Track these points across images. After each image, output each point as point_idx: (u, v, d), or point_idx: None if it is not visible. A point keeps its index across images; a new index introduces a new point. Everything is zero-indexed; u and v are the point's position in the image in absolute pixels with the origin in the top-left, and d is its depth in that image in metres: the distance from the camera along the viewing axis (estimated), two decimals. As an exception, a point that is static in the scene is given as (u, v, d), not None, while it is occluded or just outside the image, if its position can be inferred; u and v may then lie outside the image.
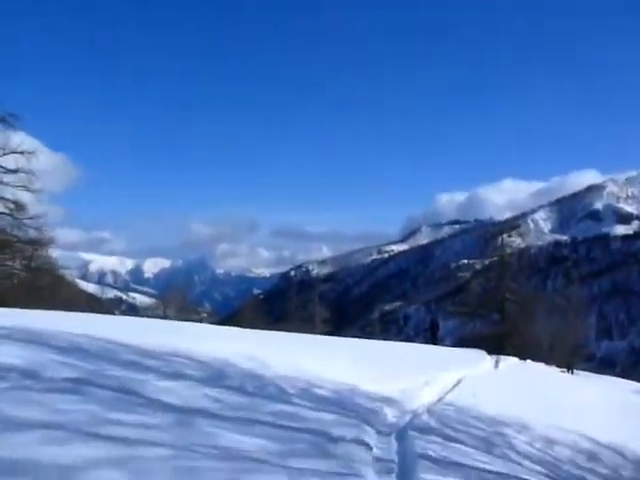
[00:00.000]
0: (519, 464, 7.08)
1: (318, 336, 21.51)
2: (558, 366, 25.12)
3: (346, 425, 6.10)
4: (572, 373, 23.52)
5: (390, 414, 8.27)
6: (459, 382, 12.19)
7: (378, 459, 5.08)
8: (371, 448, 5.31)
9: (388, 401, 9.09)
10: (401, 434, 6.72)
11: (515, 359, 21.74)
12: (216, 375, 7.62)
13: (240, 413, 5.54)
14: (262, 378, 8.21)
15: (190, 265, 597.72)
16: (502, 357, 20.64)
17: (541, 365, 22.99)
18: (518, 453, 7.84)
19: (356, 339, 23.55)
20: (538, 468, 7.31)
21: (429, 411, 9.06)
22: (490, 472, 5.46)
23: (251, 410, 5.86)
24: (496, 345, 33.11)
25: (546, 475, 6.99)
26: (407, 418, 8.34)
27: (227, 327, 22.57)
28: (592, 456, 8.86)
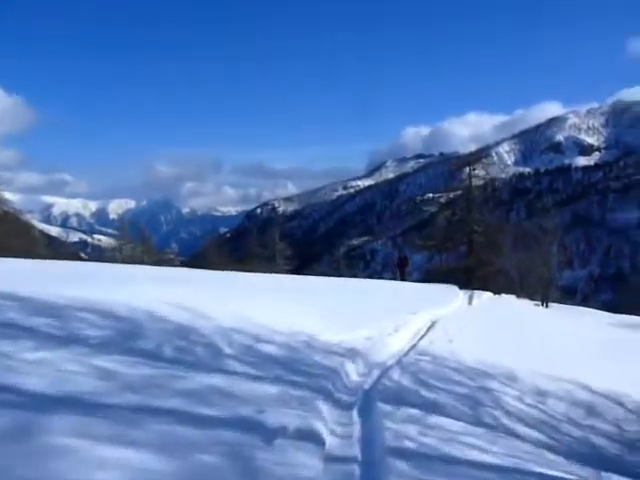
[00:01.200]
0: (514, 433, 5.65)
1: (276, 275, 19.79)
2: (530, 299, 24.19)
3: (293, 402, 4.49)
4: (546, 306, 22.59)
5: (353, 372, 6.74)
6: (433, 325, 10.79)
7: (332, 460, 3.50)
8: (323, 443, 3.72)
9: (352, 354, 7.57)
10: (366, 406, 5.16)
11: (489, 294, 20.52)
12: (125, 335, 5.84)
13: (135, 398, 3.83)
14: (192, 335, 6.50)
15: (155, 205, 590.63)
16: (476, 292, 19.46)
17: (514, 299, 21.90)
18: (509, 415, 6.43)
19: (318, 277, 22.04)
20: (536, 434, 5.91)
21: (400, 364, 7.58)
22: (486, 466, 3.92)
23: (157, 389, 4.17)
24: (464, 278, 32.45)
25: (546, 444, 5.58)
26: (374, 375, 6.82)
27: (170, 268, 20.50)
28: (590, 409, 7.54)
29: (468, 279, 31.54)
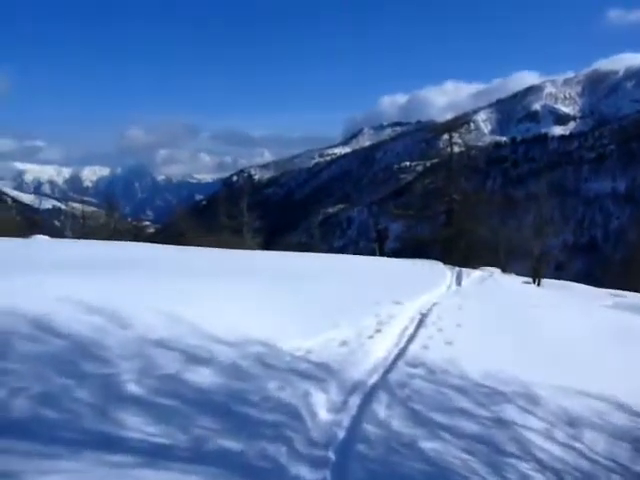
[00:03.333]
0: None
1: (237, 253, 17.52)
2: (517, 274, 22.46)
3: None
4: (538, 284, 20.81)
5: (323, 407, 4.74)
6: (423, 318, 8.83)
7: None
8: None
9: (322, 371, 5.59)
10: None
11: (478, 272, 18.59)
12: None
13: None
14: (85, 361, 4.42)
15: (130, 172, 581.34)
16: (464, 270, 17.58)
17: (504, 276, 20.07)
18: (543, 467, 4.53)
19: (285, 255, 19.82)
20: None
21: (387, 385, 5.61)
22: None
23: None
24: (444, 249, 30.96)
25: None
26: (352, 410, 4.85)
27: (119, 244, 17.78)
28: (637, 443, 5.68)
29: (448, 250, 30.07)
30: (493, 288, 14.74)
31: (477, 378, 6.37)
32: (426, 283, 12.67)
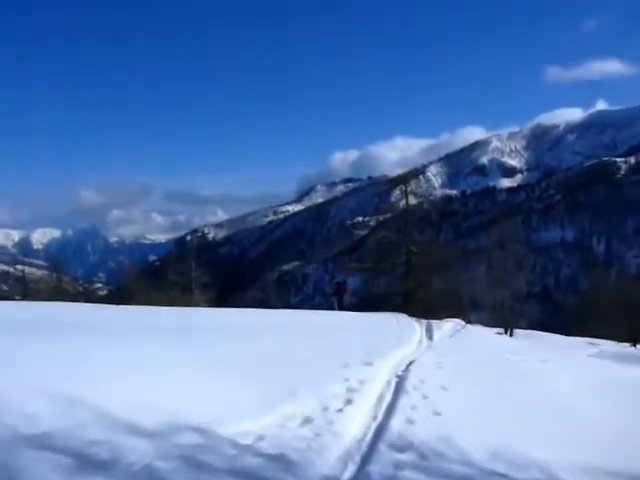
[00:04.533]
0: None
1: (183, 310, 15.79)
2: (483, 324, 21.28)
3: None
4: (511, 335, 19.66)
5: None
6: (400, 382, 7.31)
7: None
8: None
9: (275, 467, 4.00)
10: None
11: (449, 324, 17.26)
12: None
13: None
14: None
15: (81, 234, 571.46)
16: (433, 322, 16.27)
17: (478, 328, 18.85)
18: None
19: (237, 311, 18.20)
20: None
21: (368, 482, 4.05)
22: None
23: None
24: (404, 302, 29.85)
25: None
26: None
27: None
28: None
29: (408, 303, 28.95)
30: (469, 341, 13.51)
31: (483, 461, 4.84)
32: (396, 338, 11.20)
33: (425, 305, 28.46)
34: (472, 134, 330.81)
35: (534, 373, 9.27)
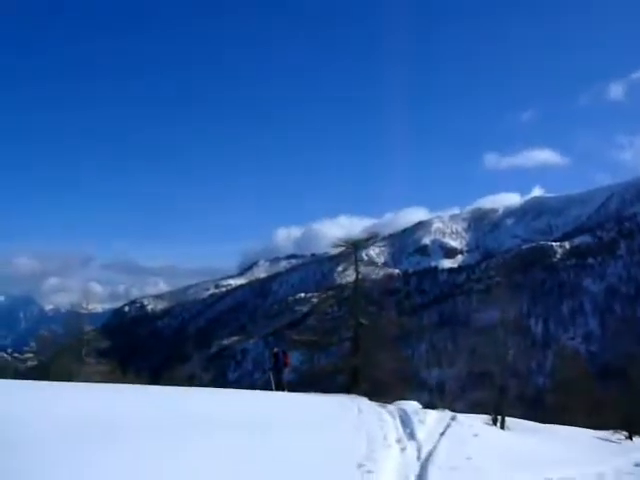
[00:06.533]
0: None
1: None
2: (452, 409, 19.13)
3: None
4: (502, 426, 16.55)
5: None
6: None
7: None
8: None
9: None
10: None
11: (433, 414, 13.29)
12: None
13: None
14: None
15: (15, 301, 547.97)
16: (407, 409, 12.84)
17: (464, 417, 14.68)
18: None
19: (150, 391, 13.96)
20: None
21: None
22: None
23: None
24: (351, 380, 27.81)
25: None
26: None
27: None
28: None
29: (355, 381, 26.96)
30: (474, 445, 10.15)
31: None
32: (365, 439, 8.64)
33: (374, 384, 26.64)
34: (415, 215, 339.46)
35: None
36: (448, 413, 12.48)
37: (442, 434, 10.27)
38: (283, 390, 21.11)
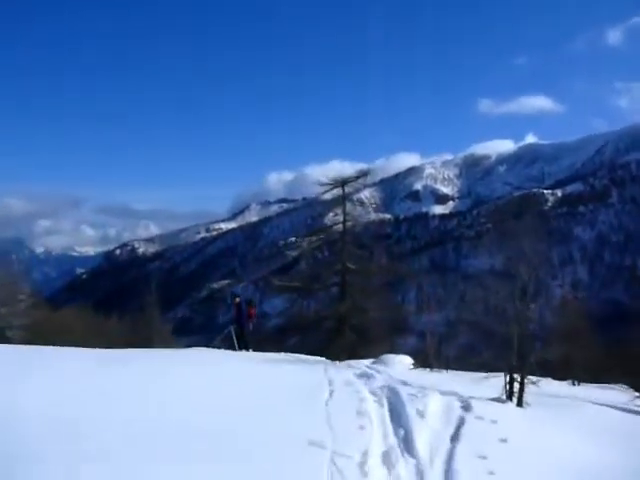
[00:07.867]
0: None
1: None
2: (447, 367, 17.83)
3: None
4: (520, 402, 10.63)
5: None
6: None
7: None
8: None
9: None
10: None
11: (438, 399, 8.52)
12: None
13: None
14: None
15: (5, 244, 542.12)
16: (400, 390, 8.92)
17: (482, 405, 8.13)
18: None
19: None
20: None
21: None
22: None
23: None
24: (336, 328, 27.00)
25: None
26: None
27: None
28: None
29: (341, 328, 26.15)
30: (504, 458, 6.46)
31: None
32: (323, 467, 5.55)
33: (361, 331, 25.97)
34: (407, 160, 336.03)
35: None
36: (457, 399, 8.56)
37: (454, 439, 7.05)
38: (246, 348, 18.79)
